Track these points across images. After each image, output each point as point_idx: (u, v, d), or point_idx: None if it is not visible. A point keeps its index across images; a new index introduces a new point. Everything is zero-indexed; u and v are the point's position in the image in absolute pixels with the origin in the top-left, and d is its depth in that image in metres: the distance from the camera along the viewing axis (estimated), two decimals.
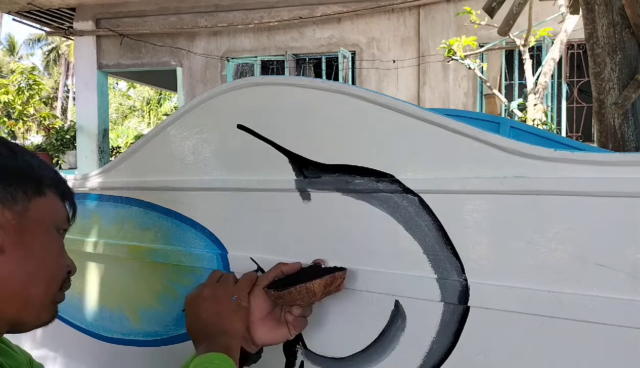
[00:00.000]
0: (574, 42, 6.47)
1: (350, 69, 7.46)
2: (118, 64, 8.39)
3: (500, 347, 0.68)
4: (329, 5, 7.42)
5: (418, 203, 0.72)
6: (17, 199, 0.64)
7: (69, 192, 0.73)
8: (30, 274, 0.64)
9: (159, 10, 8.00)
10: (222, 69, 7.95)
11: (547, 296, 0.64)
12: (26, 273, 0.63)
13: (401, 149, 0.73)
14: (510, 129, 2.25)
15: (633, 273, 0.59)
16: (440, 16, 7.10)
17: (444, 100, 7.14)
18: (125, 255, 1.04)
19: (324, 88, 0.77)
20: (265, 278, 0.80)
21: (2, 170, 0.64)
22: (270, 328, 0.79)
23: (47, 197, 0.68)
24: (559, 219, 0.63)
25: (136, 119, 23.66)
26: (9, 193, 0.63)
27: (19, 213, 0.63)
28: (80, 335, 1.17)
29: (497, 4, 2.66)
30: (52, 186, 0.69)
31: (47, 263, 0.66)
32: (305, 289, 0.72)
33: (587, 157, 0.61)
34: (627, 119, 1.75)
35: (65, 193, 0.72)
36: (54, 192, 0.69)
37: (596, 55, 1.75)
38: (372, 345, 0.78)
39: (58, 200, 0.70)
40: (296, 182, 0.81)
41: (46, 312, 0.67)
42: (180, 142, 0.92)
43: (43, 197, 0.67)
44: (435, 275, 0.71)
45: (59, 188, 0.71)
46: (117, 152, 12.78)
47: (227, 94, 0.86)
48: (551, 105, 6.57)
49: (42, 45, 27.43)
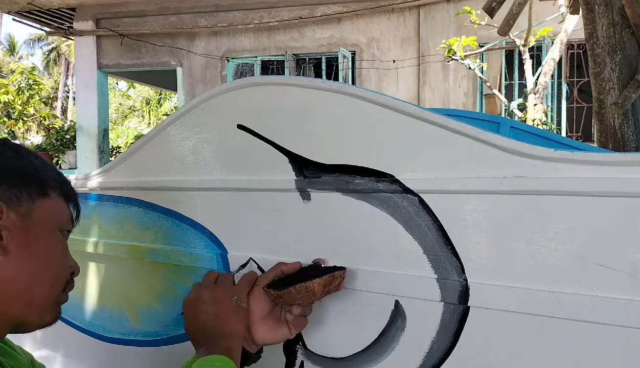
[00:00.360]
0: (574, 42, 6.47)
1: (350, 69, 7.46)
2: (118, 64, 8.39)
3: (500, 347, 0.68)
4: (329, 5, 7.43)
5: (418, 203, 0.72)
6: (21, 200, 0.64)
7: (72, 193, 0.73)
8: (34, 275, 0.64)
9: (159, 10, 8.00)
10: (222, 69, 7.95)
11: (547, 296, 0.64)
12: (30, 274, 0.63)
13: (401, 149, 0.73)
14: (510, 129, 2.24)
15: (633, 273, 0.59)
16: (440, 16, 7.11)
17: (444, 100, 7.14)
18: (125, 255, 1.04)
19: (324, 88, 0.77)
20: (265, 278, 0.80)
21: (6, 171, 0.64)
22: (270, 327, 0.79)
23: (51, 198, 0.68)
24: (559, 219, 0.63)
25: (136, 119, 23.65)
26: (14, 194, 0.63)
27: (23, 215, 0.64)
28: (80, 335, 1.17)
29: (497, 4, 2.66)
30: (56, 188, 0.69)
31: (51, 265, 0.66)
32: (305, 288, 0.72)
33: (587, 157, 0.61)
34: (627, 119, 1.75)
35: (69, 195, 0.72)
36: (58, 194, 0.70)
37: (596, 55, 1.75)
38: (372, 345, 0.78)
39: (62, 201, 0.70)
40: (296, 182, 0.81)
41: (49, 312, 0.67)
42: (180, 142, 0.92)
43: (47, 198, 0.67)
44: (435, 275, 0.71)
45: (62, 189, 0.71)
46: (117, 152, 12.78)
47: (227, 94, 0.86)
48: (551, 105, 6.57)
49: (42, 45, 27.45)
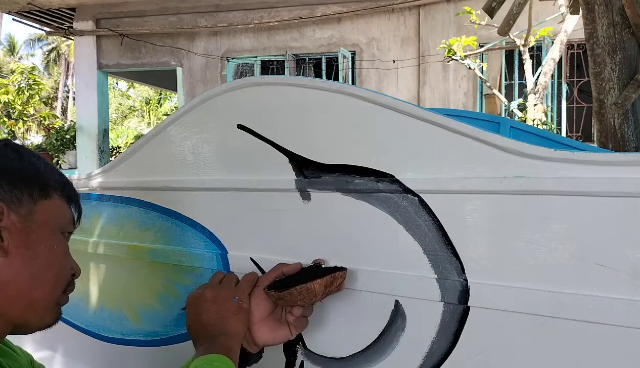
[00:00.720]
0: (574, 42, 6.47)
1: (350, 69, 7.46)
2: (118, 64, 8.39)
3: (500, 347, 0.68)
4: (329, 5, 7.42)
5: (418, 203, 0.72)
6: (22, 202, 0.64)
7: (74, 194, 0.73)
8: (34, 276, 0.64)
9: (159, 10, 8.00)
10: (222, 69, 7.95)
11: (547, 296, 0.64)
12: (30, 275, 0.63)
13: (401, 149, 0.73)
14: (510, 129, 2.24)
15: (633, 273, 0.59)
16: (440, 16, 7.10)
17: (444, 100, 7.14)
18: (125, 255, 1.04)
19: (324, 88, 0.77)
20: (265, 278, 0.80)
21: (8, 172, 0.64)
22: (271, 328, 0.79)
23: (52, 199, 0.68)
24: (559, 219, 0.63)
25: (136, 119, 23.64)
26: (15, 195, 0.63)
27: (24, 216, 0.63)
28: (80, 335, 1.17)
29: (497, 4, 2.66)
30: (58, 189, 0.69)
31: (52, 266, 0.66)
32: (306, 289, 0.72)
33: (587, 157, 0.61)
34: (627, 119, 1.75)
35: (71, 196, 0.72)
36: (60, 195, 0.69)
37: (596, 55, 1.75)
38: (372, 345, 0.78)
39: (64, 202, 0.70)
40: (296, 182, 0.81)
41: (50, 314, 0.67)
42: (180, 142, 0.92)
43: (49, 199, 0.67)
44: (435, 275, 0.71)
45: (64, 191, 0.71)
46: (117, 152, 12.78)
47: (227, 94, 0.86)
48: (551, 105, 6.57)
49: (42, 45, 27.44)
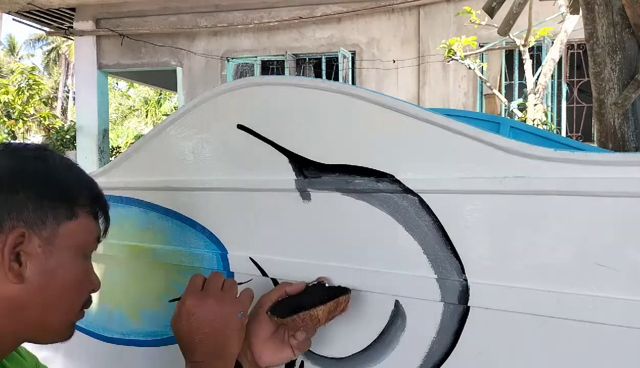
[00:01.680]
0: (574, 42, 6.47)
1: (350, 69, 7.46)
2: (118, 64, 8.39)
3: (500, 347, 0.68)
4: (329, 5, 7.42)
5: (418, 203, 0.72)
6: (46, 224, 0.60)
7: (103, 208, 0.69)
8: (49, 304, 0.61)
9: (159, 10, 8.00)
10: (222, 69, 7.95)
11: (547, 296, 0.64)
12: (45, 301, 0.61)
13: (401, 149, 0.73)
14: (510, 129, 2.24)
15: (633, 273, 0.59)
16: (440, 16, 7.10)
17: (444, 100, 7.14)
18: (125, 255, 1.04)
19: (324, 88, 0.77)
20: (268, 298, 0.78)
21: (36, 190, 0.60)
22: (274, 350, 0.76)
23: (78, 219, 0.64)
24: (559, 219, 0.63)
25: (136, 119, 23.64)
26: (39, 217, 0.60)
27: (45, 239, 0.60)
28: (80, 335, 1.16)
29: (497, 4, 2.66)
30: (86, 205, 0.65)
31: (68, 292, 0.63)
32: (309, 316, 0.71)
33: (587, 157, 0.61)
34: (627, 119, 1.75)
35: (100, 210, 0.68)
36: (87, 212, 0.65)
37: (596, 55, 1.75)
38: (372, 345, 0.78)
39: (90, 220, 0.66)
40: (296, 182, 0.81)
41: (62, 334, 0.66)
42: (180, 142, 0.92)
43: (74, 220, 0.63)
44: (435, 275, 0.71)
45: (93, 207, 0.67)
46: (117, 152, 12.78)
47: (227, 94, 0.86)
48: (551, 105, 6.57)
49: (42, 45, 27.45)
